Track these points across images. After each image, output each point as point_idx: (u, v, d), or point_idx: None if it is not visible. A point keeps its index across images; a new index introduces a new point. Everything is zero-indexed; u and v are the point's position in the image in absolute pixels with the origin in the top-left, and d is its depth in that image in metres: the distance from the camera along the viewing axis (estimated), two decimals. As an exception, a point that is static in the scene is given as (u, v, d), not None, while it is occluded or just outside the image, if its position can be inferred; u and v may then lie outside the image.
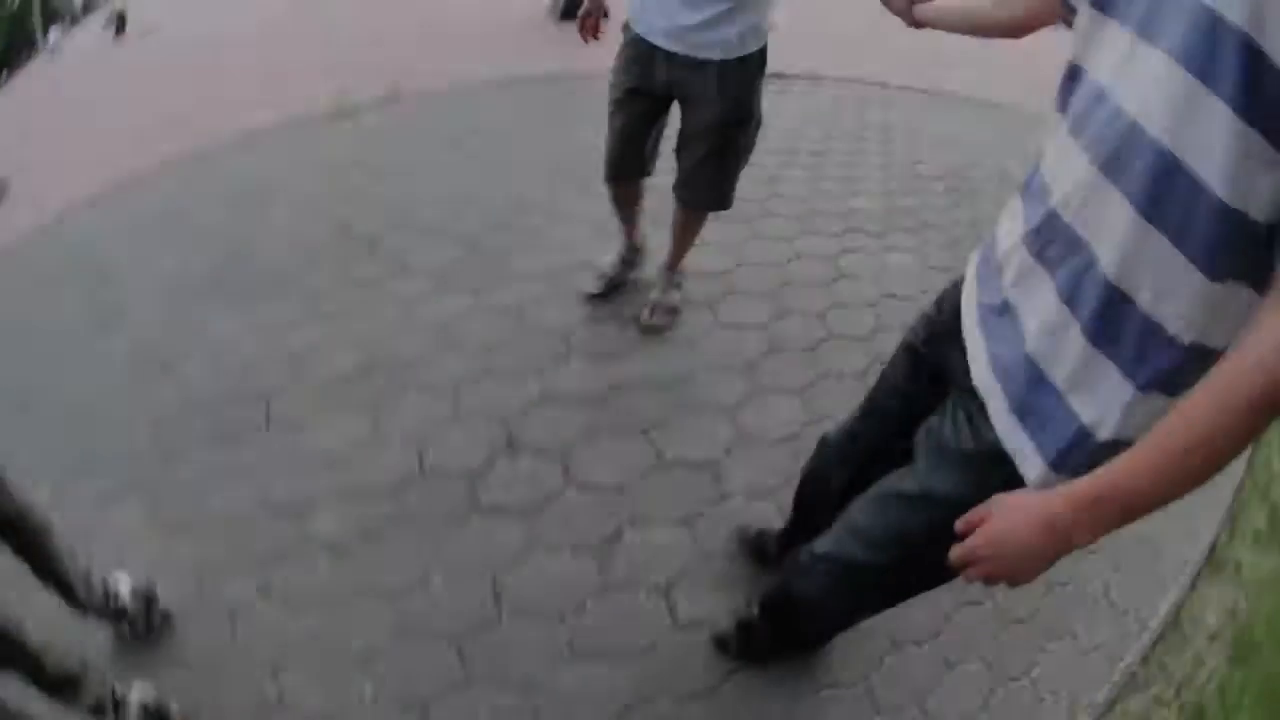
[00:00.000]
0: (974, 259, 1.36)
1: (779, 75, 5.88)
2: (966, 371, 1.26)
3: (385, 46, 6.67)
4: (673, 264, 2.96)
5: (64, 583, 1.85)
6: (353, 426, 2.40)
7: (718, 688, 1.81)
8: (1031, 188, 1.18)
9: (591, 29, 2.68)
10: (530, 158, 4.15)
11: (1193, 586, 2.98)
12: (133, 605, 1.95)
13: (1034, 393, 1.13)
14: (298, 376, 2.63)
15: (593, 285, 3.05)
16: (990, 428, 1.21)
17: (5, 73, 20.53)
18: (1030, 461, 1.13)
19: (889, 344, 2.89)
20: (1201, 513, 3.20)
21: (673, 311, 2.90)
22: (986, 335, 1.24)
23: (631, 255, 3.12)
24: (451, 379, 2.55)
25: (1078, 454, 1.09)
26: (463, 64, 5.80)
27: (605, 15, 2.69)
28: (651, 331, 2.82)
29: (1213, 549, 3.19)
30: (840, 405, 2.23)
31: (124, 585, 1.94)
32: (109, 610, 1.93)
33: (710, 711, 1.78)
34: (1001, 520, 0.98)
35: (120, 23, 19.64)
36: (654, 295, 2.91)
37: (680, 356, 2.74)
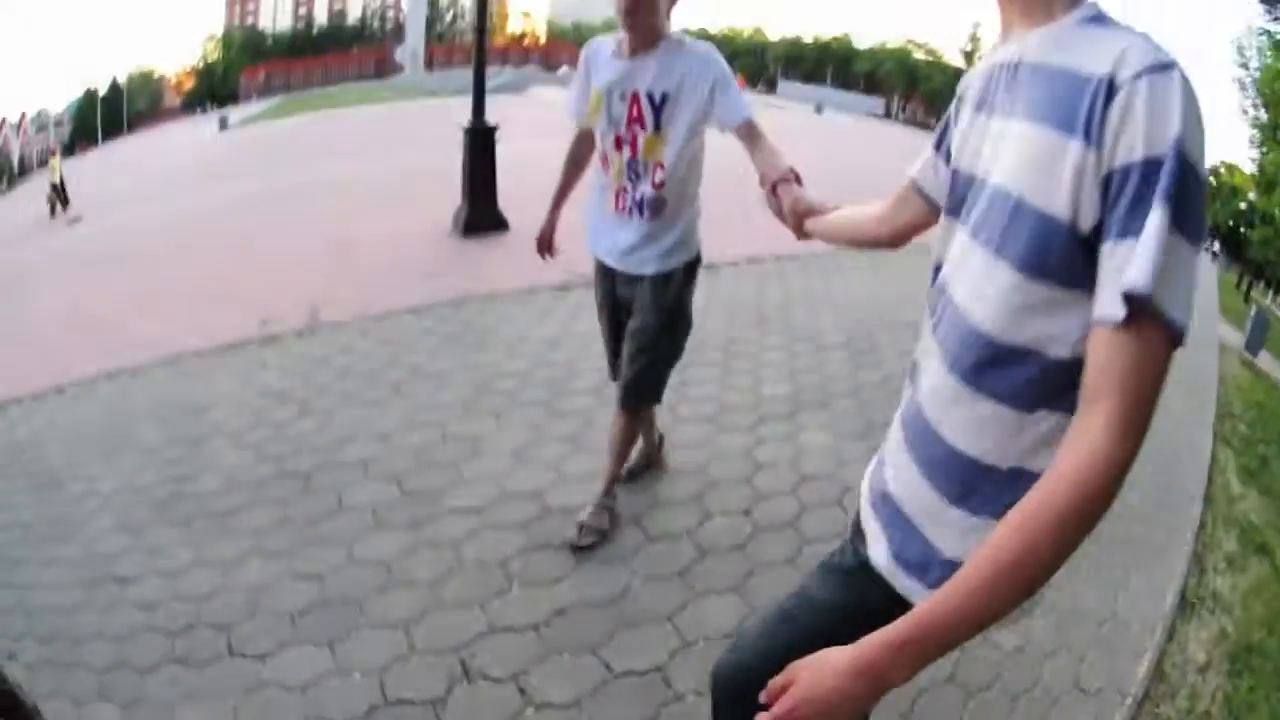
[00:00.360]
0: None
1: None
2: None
3: (301, 266, 7.15)
4: (608, 487, 3.27)
5: None
6: (313, 658, 2.61)
7: None
8: (911, 374, 1.36)
9: (548, 248, 3.35)
10: (446, 389, 4.50)
11: (1169, 638, 3.26)
12: None
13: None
14: (254, 610, 2.85)
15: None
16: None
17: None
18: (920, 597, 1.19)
19: (815, 526, 3.35)
20: (1157, 569, 3.62)
21: (601, 532, 3.20)
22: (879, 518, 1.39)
23: (651, 452, 3.63)
24: (402, 614, 2.80)
25: (937, 569, 1.21)
26: (375, 289, 6.26)
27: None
28: (583, 551, 3.13)
29: (1182, 597, 3.53)
30: (776, 593, 2.55)
31: None
32: None
33: None
34: (808, 677, 1.02)
35: (61, 195, 19.49)
36: (582, 517, 3.21)
37: (615, 573, 3.01)
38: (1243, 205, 43.11)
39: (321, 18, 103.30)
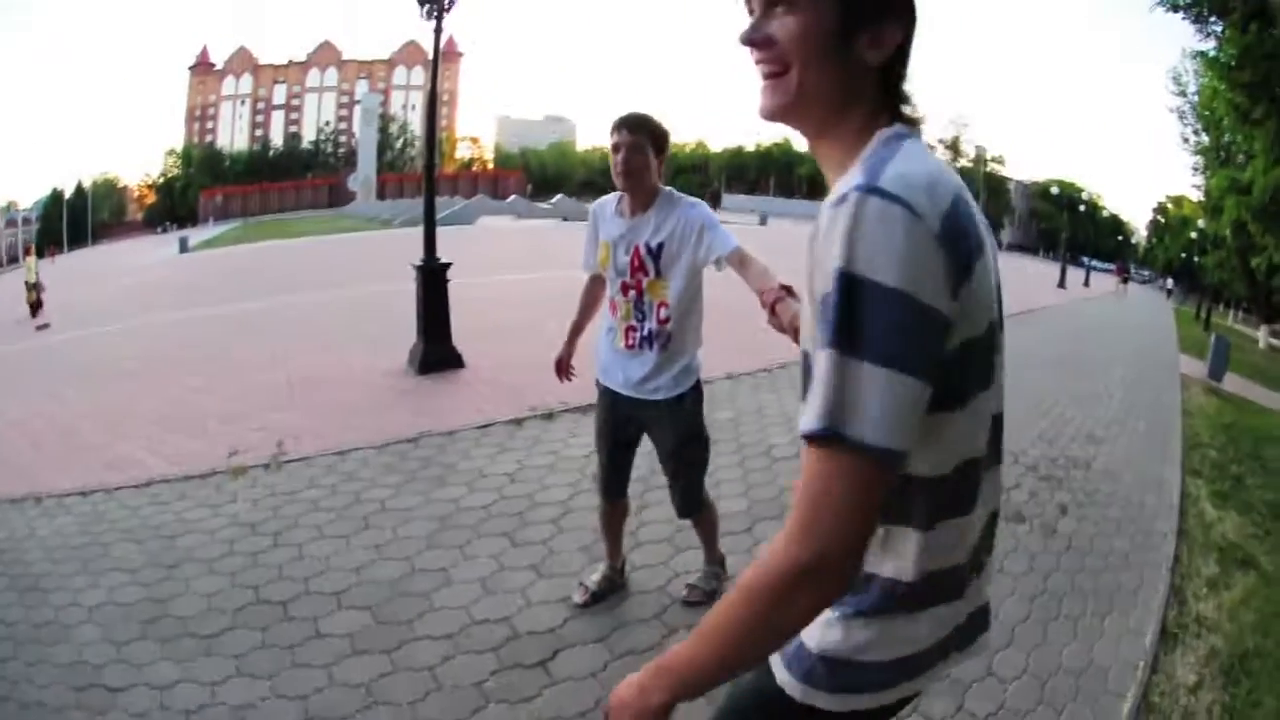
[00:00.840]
0: None
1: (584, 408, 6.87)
2: None
3: (265, 397, 7.42)
4: (710, 556, 3.94)
5: None
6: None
7: None
8: None
9: (565, 372, 3.79)
10: (412, 524, 4.76)
11: (1154, 671, 3.52)
12: None
13: None
14: None
15: (578, 596, 3.86)
16: None
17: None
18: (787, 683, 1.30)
19: None
20: (1133, 612, 3.91)
21: (709, 594, 3.82)
22: None
23: (615, 574, 3.96)
24: (388, 733, 3.03)
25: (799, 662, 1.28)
26: (337, 424, 6.53)
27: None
28: (689, 604, 3.82)
29: (1163, 630, 3.84)
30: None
31: None
32: None
33: None
34: (618, 689, 1.24)
35: (37, 295, 19.26)
36: (694, 579, 3.94)
37: (586, 688, 3.27)
38: (1193, 234, 44.14)
39: (277, 139, 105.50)
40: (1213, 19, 12.60)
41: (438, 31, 8.28)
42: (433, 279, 8.35)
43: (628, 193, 3.24)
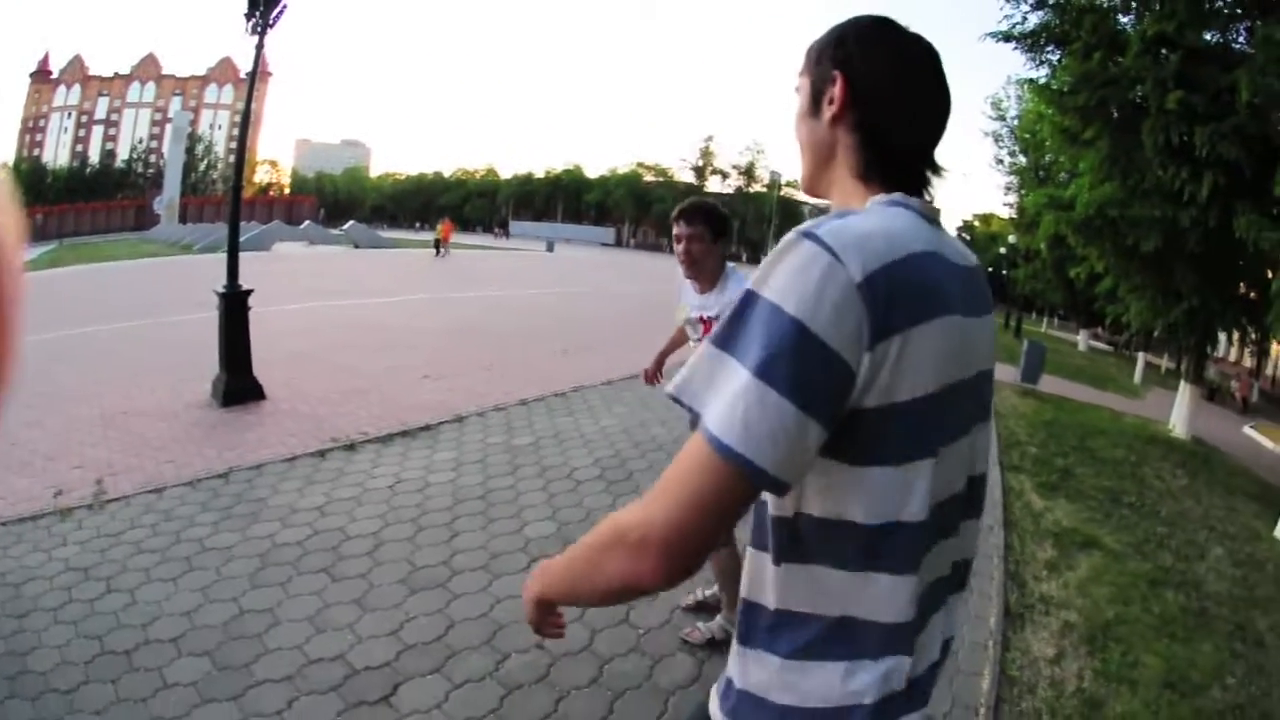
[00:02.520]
0: None
1: (425, 428, 7.38)
2: None
3: (80, 432, 7.44)
4: (729, 603, 4.19)
5: None
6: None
7: None
8: None
9: (652, 379, 4.57)
10: (233, 563, 4.99)
11: (1004, 648, 3.76)
12: None
13: None
14: None
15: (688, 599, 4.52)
16: None
17: None
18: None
19: (609, 645, 4.07)
20: (971, 601, 4.12)
21: (710, 641, 4.22)
22: None
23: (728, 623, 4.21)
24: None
25: (726, 698, 1.31)
26: (151, 461, 6.70)
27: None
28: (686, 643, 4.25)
29: (1006, 611, 4.11)
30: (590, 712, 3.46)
31: None
32: None
33: None
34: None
35: None
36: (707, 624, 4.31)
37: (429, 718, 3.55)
38: (1002, 249, 46.74)
39: (95, 155, 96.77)
40: (1049, 48, 13.65)
41: (259, 48, 8.35)
42: (235, 306, 8.46)
43: (692, 278, 3.88)
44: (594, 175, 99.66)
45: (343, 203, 78.35)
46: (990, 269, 58.02)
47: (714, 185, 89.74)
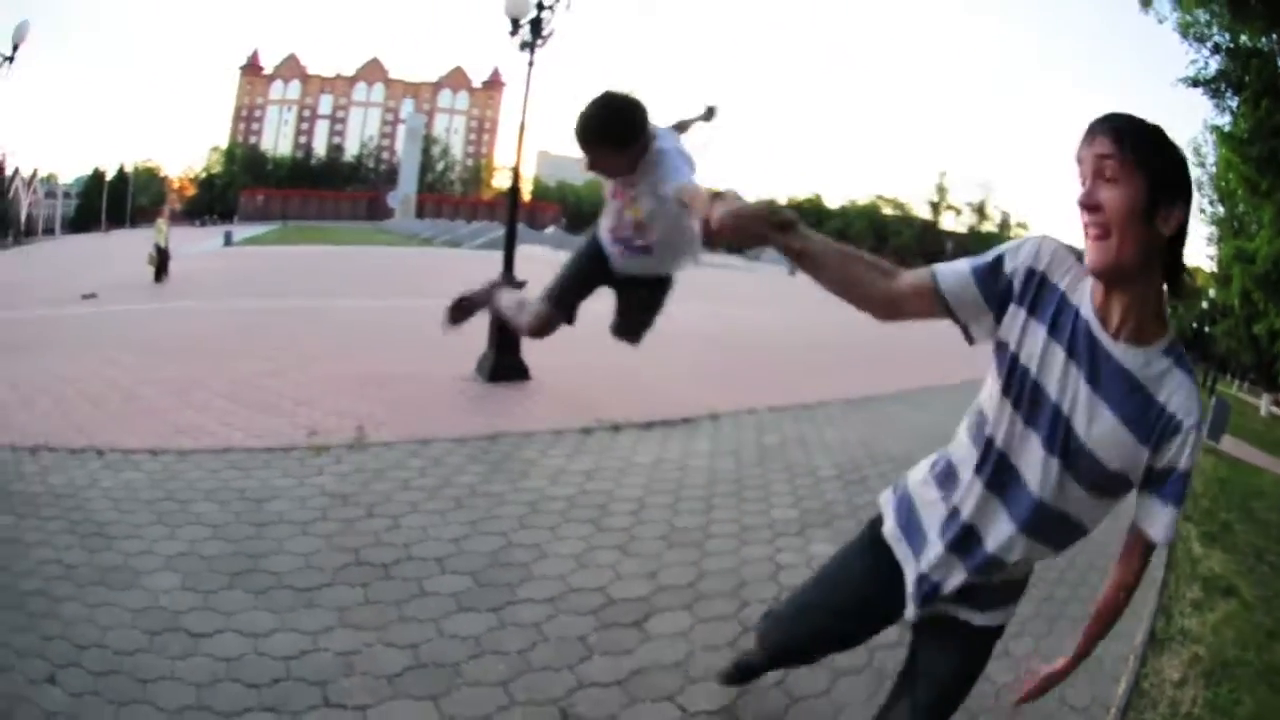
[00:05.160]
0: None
1: (684, 420, 7.45)
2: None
3: (337, 388, 7.51)
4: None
5: None
6: (416, 710, 2.92)
7: None
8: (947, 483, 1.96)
9: None
10: (503, 506, 4.93)
11: (1141, 664, 4.01)
12: None
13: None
14: (349, 670, 3.13)
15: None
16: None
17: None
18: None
19: None
20: (1124, 621, 3.95)
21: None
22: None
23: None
24: (499, 676, 3.17)
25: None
26: (414, 418, 6.65)
27: None
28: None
29: (1151, 635, 4.35)
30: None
31: None
32: None
33: None
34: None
35: (163, 261, 19.53)
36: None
37: (676, 646, 3.52)
38: (1204, 304, 43.34)
39: (320, 148, 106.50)
40: (1229, 94, 12.76)
41: (530, 64, 8.62)
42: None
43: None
44: (833, 205, 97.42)
45: (585, 213, 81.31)
46: (1194, 324, 53.25)
47: (947, 221, 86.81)
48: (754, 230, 1.69)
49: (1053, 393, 1.67)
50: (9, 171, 57.89)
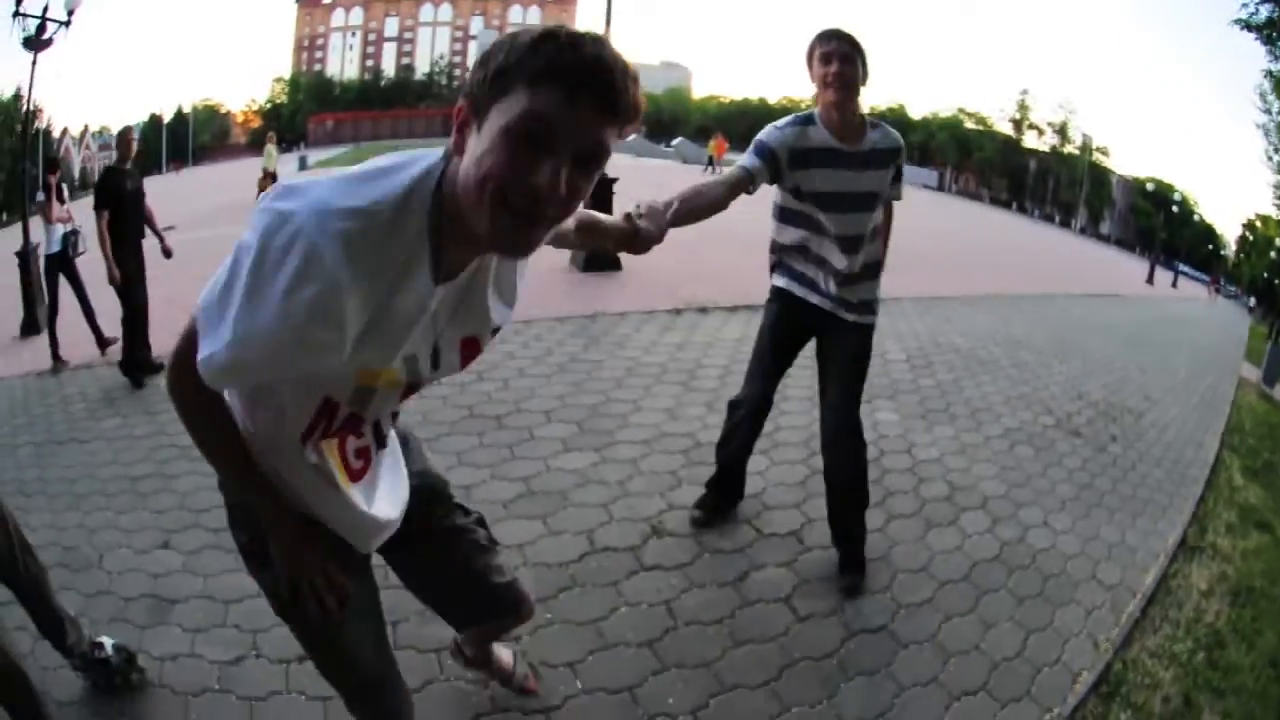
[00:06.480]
0: None
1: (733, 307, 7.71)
2: None
3: None
4: None
5: (56, 625, 2.34)
6: (528, 528, 3.41)
7: None
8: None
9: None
10: (601, 370, 5.41)
11: (1171, 562, 4.09)
12: (115, 658, 2.41)
13: None
14: (466, 498, 3.57)
15: None
16: None
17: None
18: None
19: (889, 464, 4.36)
20: (1160, 522, 4.51)
21: None
22: None
23: None
24: (599, 499, 3.66)
25: None
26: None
27: None
28: None
29: (1183, 540, 4.42)
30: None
31: (108, 642, 2.43)
32: (92, 660, 2.38)
33: None
34: None
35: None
36: None
37: (751, 480, 3.80)
38: (1273, 254, 40.68)
39: (389, 70, 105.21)
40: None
41: None
42: (601, 189, 8.88)
43: None
44: (917, 116, 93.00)
45: (665, 122, 79.52)
46: (1265, 274, 50.05)
47: (1029, 140, 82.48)
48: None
49: None
50: (56, 133, 58.54)
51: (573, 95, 1.04)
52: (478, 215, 1.08)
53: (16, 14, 8.65)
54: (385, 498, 1.60)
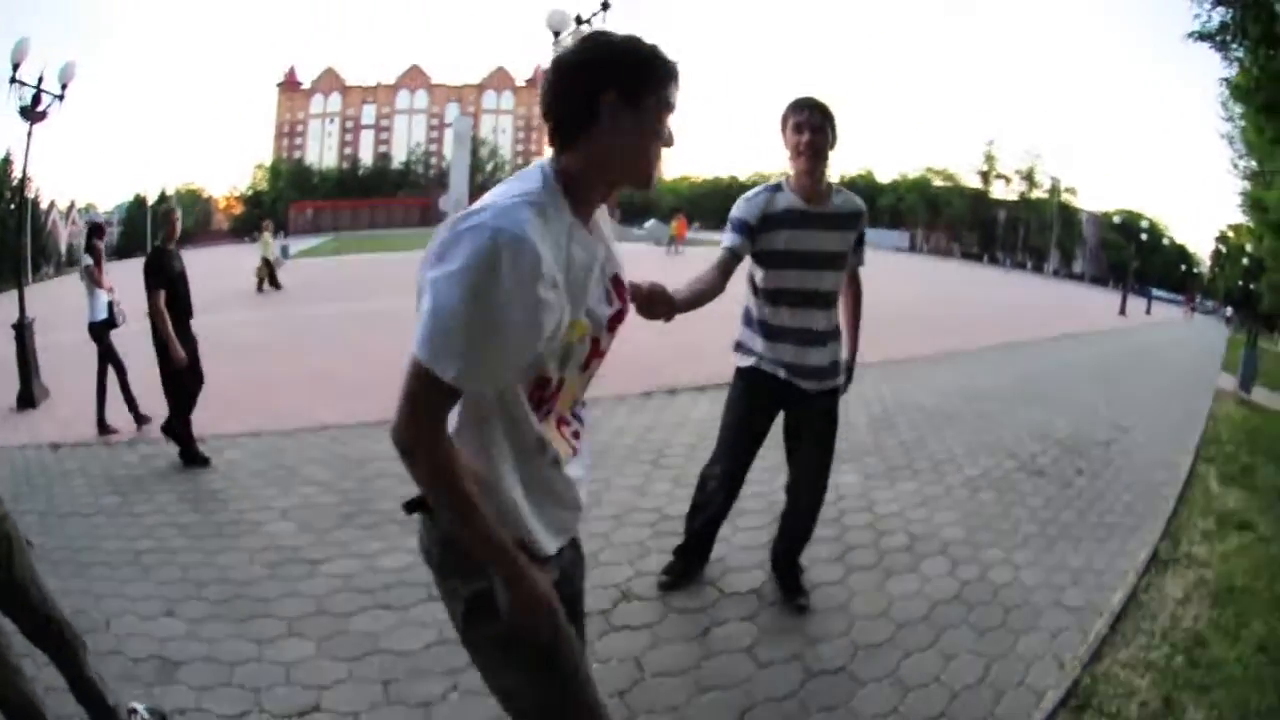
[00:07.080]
0: None
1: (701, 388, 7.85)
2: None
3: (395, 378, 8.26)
4: None
5: (95, 696, 2.40)
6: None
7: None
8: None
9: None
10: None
11: (1142, 577, 4.17)
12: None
13: None
14: None
15: None
16: None
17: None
18: None
19: (851, 519, 4.66)
20: (1130, 541, 4.67)
21: None
22: None
23: None
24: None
25: None
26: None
27: None
28: None
29: (1154, 555, 4.52)
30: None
31: (141, 708, 2.54)
32: None
33: None
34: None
35: (270, 273, 20.47)
36: None
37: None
38: (1245, 260, 41.07)
39: (366, 158, 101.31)
40: (1234, 45, 12.56)
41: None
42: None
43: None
44: (885, 180, 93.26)
45: (638, 203, 79.70)
46: (1239, 282, 50.89)
47: (998, 190, 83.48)
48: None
49: None
50: (44, 205, 58.15)
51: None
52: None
53: (13, 80, 8.78)
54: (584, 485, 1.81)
